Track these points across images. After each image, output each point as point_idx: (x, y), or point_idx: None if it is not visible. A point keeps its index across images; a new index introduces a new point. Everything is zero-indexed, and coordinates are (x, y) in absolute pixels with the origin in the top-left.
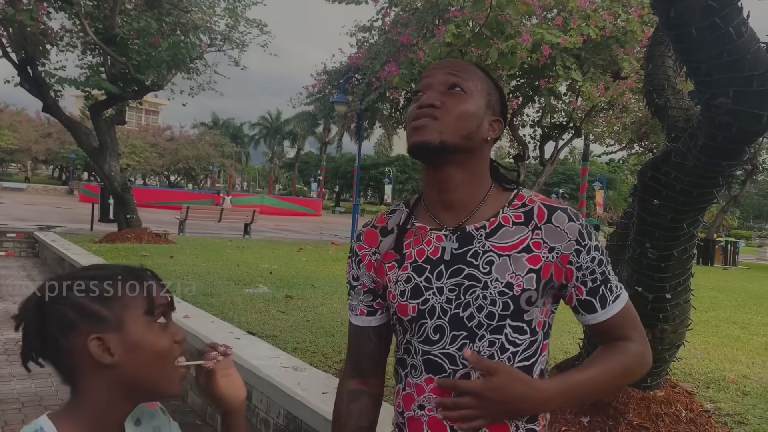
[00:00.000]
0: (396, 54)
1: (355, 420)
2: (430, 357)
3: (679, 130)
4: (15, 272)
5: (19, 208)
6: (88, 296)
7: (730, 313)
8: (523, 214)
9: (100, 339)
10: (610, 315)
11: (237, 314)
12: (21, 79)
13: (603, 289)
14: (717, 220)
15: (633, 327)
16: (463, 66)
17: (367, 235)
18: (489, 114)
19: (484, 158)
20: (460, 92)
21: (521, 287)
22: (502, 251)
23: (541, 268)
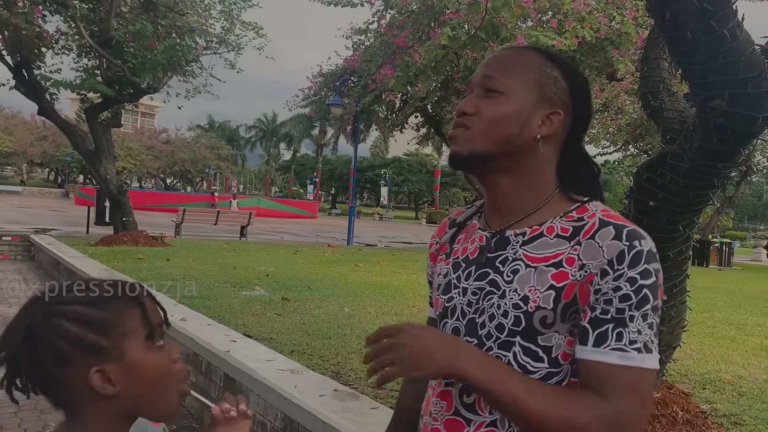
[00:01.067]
0: (392, 56)
1: (408, 400)
2: None
3: (674, 132)
4: (11, 275)
5: (14, 211)
6: (84, 325)
7: (726, 314)
8: (573, 227)
9: (100, 371)
10: (597, 359)
11: (233, 317)
12: (16, 82)
13: (610, 328)
14: (712, 221)
15: (620, 393)
16: (506, 59)
17: (441, 227)
18: (543, 107)
19: (539, 159)
20: (495, 94)
21: (537, 304)
22: (531, 262)
23: (564, 288)
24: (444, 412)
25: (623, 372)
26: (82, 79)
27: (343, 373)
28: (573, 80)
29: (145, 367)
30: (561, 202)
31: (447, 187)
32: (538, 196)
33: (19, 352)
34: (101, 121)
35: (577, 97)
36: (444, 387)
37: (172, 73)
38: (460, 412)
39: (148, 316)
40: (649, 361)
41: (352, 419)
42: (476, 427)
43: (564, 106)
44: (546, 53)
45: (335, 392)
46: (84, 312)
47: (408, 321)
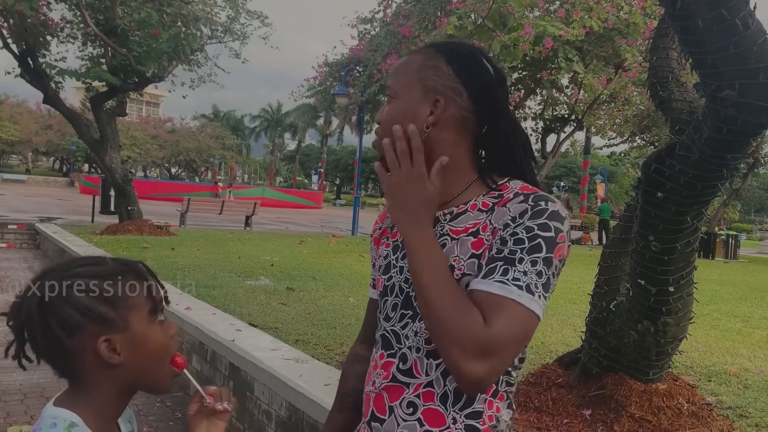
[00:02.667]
0: (397, 46)
1: (353, 381)
2: (385, 333)
3: (683, 123)
4: (16, 264)
5: (20, 199)
6: (94, 297)
7: (732, 307)
8: (492, 202)
9: (108, 341)
10: (480, 288)
11: (239, 306)
12: (22, 71)
13: (499, 265)
14: (718, 213)
15: (497, 318)
16: (399, 65)
17: (383, 213)
18: (428, 99)
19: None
20: (388, 95)
21: (462, 271)
22: (455, 235)
23: (482, 253)
24: (382, 381)
25: (500, 301)
26: (87, 68)
27: None
28: (456, 62)
29: (148, 339)
30: (482, 186)
31: None
32: (458, 181)
33: (31, 319)
34: (106, 110)
35: (465, 76)
36: (386, 358)
37: (177, 61)
38: (397, 378)
39: (152, 293)
40: (527, 299)
41: None
42: (414, 388)
43: (451, 89)
44: (433, 47)
45: None
46: (94, 285)
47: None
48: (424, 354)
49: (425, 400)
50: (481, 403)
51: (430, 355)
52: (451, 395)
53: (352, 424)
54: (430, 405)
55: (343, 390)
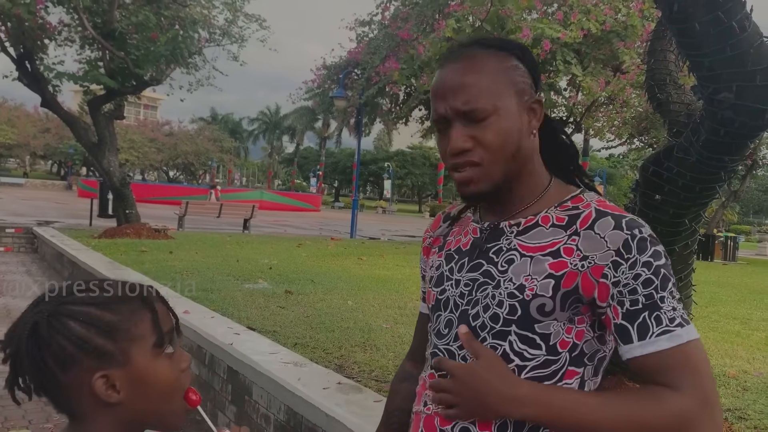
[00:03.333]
0: (396, 49)
1: (400, 400)
2: (437, 351)
3: (681, 125)
4: (14, 268)
5: (17, 203)
6: (91, 327)
7: (730, 309)
8: (568, 217)
9: (105, 377)
10: (649, 351)
11: (237, 310)
12: (19, 74)
13: (646, 316)
14: (717, 215)
15: (686, 376)
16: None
17: (435, 221)
18: (524, 103)
19: (533, 156)
20: (482, 117)
21: (533, 292)
22: (526, 251)
23: (563, 276)
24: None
25: (677, 353)
26: (84, 71)
27: (346, 366)
28: (525, 57)
29: (152, 375)
30: (556, 193)
31: (450, 180)
32: (534, 189)
33: (22, 350)
34: (104, 113)
35: (534, 72)
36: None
37: (175, 65)
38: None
39: (159, 322)
40: (693, 331)
41: (356, 412)
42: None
43: (532, 86)
44: (490, 45)
45: (339, 385)
46: (92, 313)
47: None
48: None
49: (481, 428)
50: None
51: None
52: (510, 425)
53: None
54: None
55: (389, 408)
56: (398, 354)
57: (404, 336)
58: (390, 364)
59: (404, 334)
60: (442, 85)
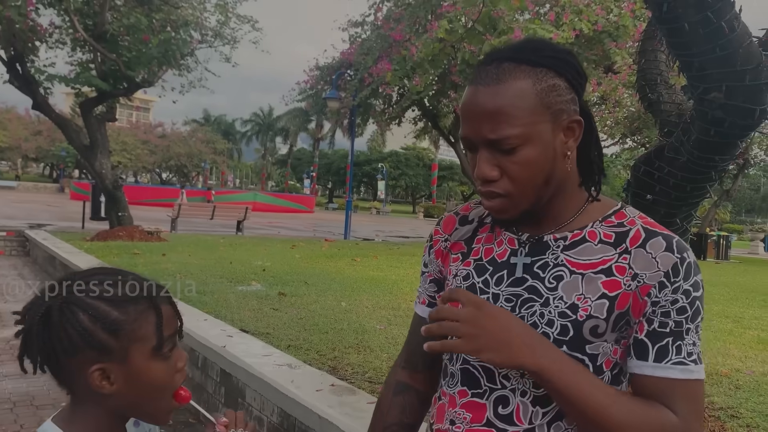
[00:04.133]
0: (388, 50)
1: (397, 414)
2: (468, 368)
3: (672, 125)
4: (6, 271)
5: (9, 206)
6: (97, 322)
7: (723, 307)
8: (615, 234)
9: (101, 369)
10: (659, 375)
11: (230, 312)
12: (10, 77)
13: (669, 342)
14: (709, 214)
15: (685, 406)
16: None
17: (446, 222)
18: (561, 123)
19: (569, 176)
20: (510, 147)
21: (587, 312)
22: (576, 268)
23: (617, 297)
24: (469, 423)
25: (683, 385)
26: (76, 73)
27: (340, 368)
28: (564, 68)
29: (146, 375)
30: (597, 207)
31: (444, 181)
32: (572, 204)
33: (33, 331)
34: (96, 115)
35: (576, 79)
36: (470, 398)
37: (167, 66)
38: (493, 423)
39: (162, 327)
40: (702, 372)
41: (349, 414)
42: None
43: (572, 101)
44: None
45: (332, 387)
46: (101, 309)
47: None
48: (530, 399)
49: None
50: None
51: (537, 401)
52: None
53: None
54: None
55: (384, 424)
56: (392, 355)
57: (398, 337)
58: (384, 365)
59: (398, 335)
60: (469, 108)
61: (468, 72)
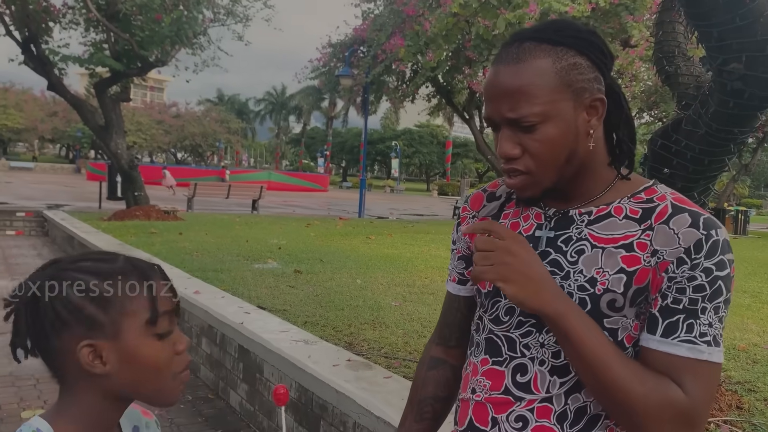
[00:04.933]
0: (401, 25)
1: (432, 388)
2: (492, 337)
3: (689, 98)
4: (26, 251)
5: (27, 187)
6: (86, 295)
7: (741, 282)
8: (642, 210)
9: (91, 346)
10: (665, 350)
11: (247, 289)
12: (25, 58)
13: (681, 319)
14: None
15: (691, 384)
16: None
17: (474, 199)
18: (582, 101)
19: (593, 155)
20: (530, 125)
21: (605, 286)
22: (598, 242)
23: (636, 272)
24: (488, 390)
25: (692, 364)
26: (90, 54)
27: (356, 343)
28: (586, 47)
29: (141, 352)
30: (627, 183)
31: (459, 158)
32: (599, 182)
33: (22, 310)
34: (110, 95)
35: (600, 59)
36: (491, 365)
37: (179, 46)
38: (511, 391)
39: (155, 301)
40: (717, 355)
41: (366, 388)
42: (527, 404)
43: (596, 80)
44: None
45: (348, 362)
46: (89, 282)
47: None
48: (548, 369)
49: (539, 416)
50: (602, 428)
51: (555, 371)
52: (570, 415)
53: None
54: (545, 422)
55: (419, 398)
56: (407, 331)
57: (413, 313)
58: (399, 341)
59: (413, 312)
60: (491, 88)
61: (483, 47)
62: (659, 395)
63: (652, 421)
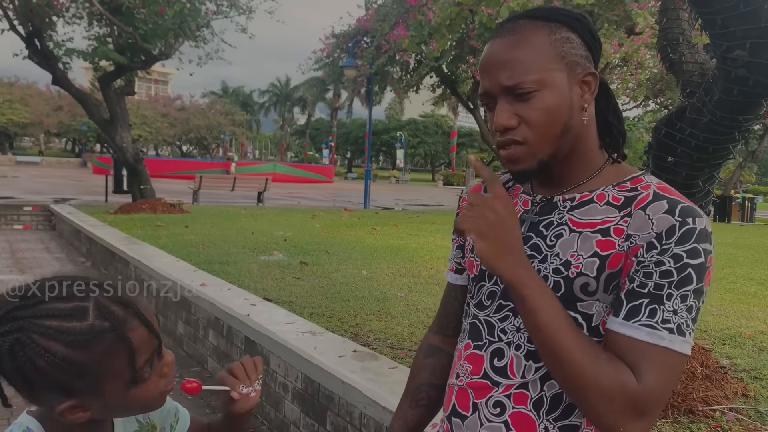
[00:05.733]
0: (405, 15)
1: (427, 375)
2: (476, 322)
3: (694, 86)
4: (33, 245)
5: (34, 181)
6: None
7: (747, 270)
8: (624, 197)
9: (72, 406)
10: (625, 332)
11: (253, 281)
12: (29, 52)
13: (645, 303)
14: (734, 176)
15: (648, 371)
16: (512, 54)
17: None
18: (576, 76)
19: (587, 131)
20: (527, 93)
21: (578, 269)
22: (576, 227)
23: (609, 257)
24: (469, 375)
25: (650, 350)
26: (93, 48)
27: (362, 334)
28: (578, 26)
29: (126, 401)
30: (614, 172)
31: (464, 148)
32: (588, 165)
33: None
34: (115, 89)
35: (590, 41)
36: (473, 350)
37: (183, 38)
38: (489, 375)
39: (135, 360)
40: (679, 344)
41: (372, 379)
42: (504, 389)
43: (587, 58)
44: (537, 17)
45: (354, 353)
46: (60, 353)
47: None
48: (524, 353)
49: (516, 403)
50: (579, 417)
51: (530, 356)
52: (546, 402)
53: (424, 421)
54: (521, 409)
55: (415, 384)
56: (413, 322)
57: (419, 304)
58: (405, 331)
59: (419, 302)
60: (487, 60)
61: (486, 36)
62: (610, 375)
63: (602, 400)
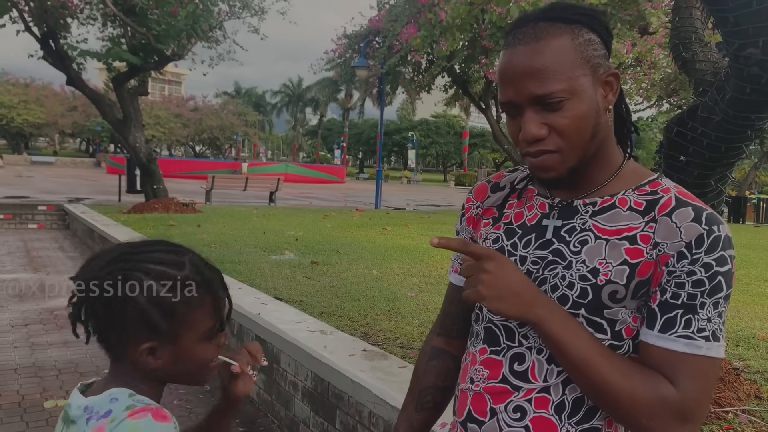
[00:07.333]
0: (416, 15)
1: (432, 378)
2: (491, 326)
3: (707, 84)
4: (47, 244)
5: (48, 181)
6: (154, 305)
7: (762, 271)
8: (646, 202)
9: (151, 347)
10: (662, 345)
11: (264, 280)
12: (44, 53)
13: (679, 314)
14: (749, 176)
15: (687, 381)
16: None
17: (478, 190)
18: (599, 79)
19: (609, 131)
20: (557, 102)
21: (607, 277)
22: (601, 233)
23: (638, 265)
24: (486, 379)
25: (689, 360)
26: (107, 48)
27: (371, 333)
28: (597, 27)
29: (192, 355)
30: (632, 174)
31: (475, 148)
32: (608, 167)
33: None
34: (128, 89)
35: (608, 40)
36: (489, 354)
37: (195, 39)
38: (508, 380)
39: (215, 315)
40: (716, 350)
41: (381, 378)
42: (525, 393)
43: (605, 57)
44: (556, 18)
45: (364, 352)
46: (159, 290)
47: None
48: (545, 357)
49: (537, 407)
50: (600, 419)
51: (553, 360)
52: (568, 405)
53: (429, 424)
54: (543, 413)
55: (420, 387)
56: (423, 322)
57: (429, 304)
58: (415, 331)
59: (429, 302)
60: (511, 69)
61: (498, 36)
62: (646, 391)
63: (642, 416)
